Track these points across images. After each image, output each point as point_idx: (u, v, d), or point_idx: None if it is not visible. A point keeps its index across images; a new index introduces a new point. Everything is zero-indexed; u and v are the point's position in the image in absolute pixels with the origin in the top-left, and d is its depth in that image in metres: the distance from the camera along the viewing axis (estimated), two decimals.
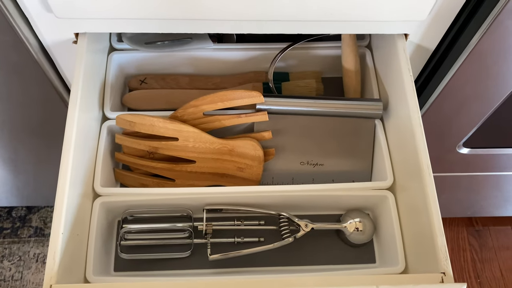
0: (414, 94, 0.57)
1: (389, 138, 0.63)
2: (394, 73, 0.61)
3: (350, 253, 0.63)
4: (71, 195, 0.51)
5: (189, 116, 0.62)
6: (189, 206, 0.60)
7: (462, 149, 0.83)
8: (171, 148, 0.61)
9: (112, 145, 0.64)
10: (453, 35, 0.60)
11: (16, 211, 1.21)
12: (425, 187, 0.52)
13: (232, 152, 0.62)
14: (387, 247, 0.61)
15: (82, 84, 0.56)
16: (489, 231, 1.30)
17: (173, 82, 0.70)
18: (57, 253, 0.47)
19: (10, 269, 1.16)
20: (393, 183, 0.61)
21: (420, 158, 0.54)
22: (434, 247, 0.50)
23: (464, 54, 0.60)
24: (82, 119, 0.56)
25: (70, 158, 0.52)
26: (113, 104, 0.65)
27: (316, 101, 0.63)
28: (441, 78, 0.66)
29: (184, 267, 0.60)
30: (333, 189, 0.60)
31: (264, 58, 0.69)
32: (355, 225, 0.62)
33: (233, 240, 0.61)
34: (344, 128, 0.64)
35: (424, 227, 0.52)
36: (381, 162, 0.63)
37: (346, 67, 0.66)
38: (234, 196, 0.59)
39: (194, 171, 0.63)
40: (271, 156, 0.64)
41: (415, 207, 0.56)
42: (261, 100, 0.60)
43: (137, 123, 0.60)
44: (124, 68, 0.69)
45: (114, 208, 0.60)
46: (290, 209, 0.62)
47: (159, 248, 0.60)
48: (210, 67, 0.70)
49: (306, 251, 0.62)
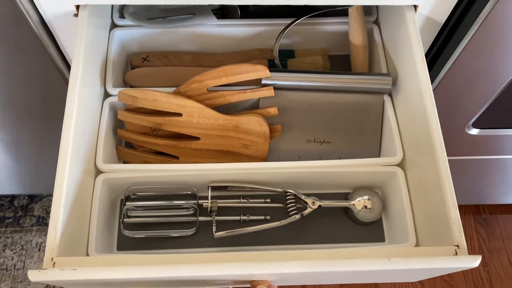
0: (424, 65, 0.55)
1: (398, 113, 0.62)
2: (403, 46, 0.59)
3: (358, 232, 0.61)
4: (72, 170, 0.50)
5: (192, 92, 0.60)
6: (193, 183, 0.59)
7: (471, 130, 0.81)
8: (174, 124, 0.60)
9: (115, 122, 0.63)
10: (464, 6, 0.59)
11: (18, 200, 1.20)
12: (437, 160, 0.51)
13: (237, 129, 0.60)
14: (397, 225, 0.59)
15: (83, 58, 0.54)
16: (497, 219, 1.28)
17: (176, 59, 0.69)
18: (59, 226, 0.46)
19: (12, 258, 1.14)
20: (403, 159, 0.59)
21: (431, 130, 0.52)
22: (447, 220, 0.48)
23: (475, 27, 0.59)
24: (83, 94, 0.54)
25: (71, 133, 0.50)
26: (115, 81, 0.64)
27: (323, 76, 0.61)
28: (450, 53, 0.65)
29: (188, 245, 0.58)
30: (341, 166, 0.58)
31: (269, 34, 0.67)
32: (364, 203, 0.60)
33: (239, 218, 0.60)
34: (352, 104, 0.63)
35: (436, 202, 0.51)
36: (390, 138, 0.61)
37: (354, 43, 0.65)
38: (240, 173, 0.58)
39: (198, 148, 0.62)
40: (277, 133, 0.62)
41: (426, 182, 0.54)
42: (267, 74, 0.59)
43: (140, 98, 0.58)
44: (126, 45, 0.68)
45: (116, 185, 0.58)
46: (296, 187, 0.60)
47: (163, 226, 0.59)
48: (214, 44, 0.68)
49: (313, 229, 0.61)
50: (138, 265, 0.43)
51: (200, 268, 0.42)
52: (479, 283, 1.19)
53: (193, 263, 0.43)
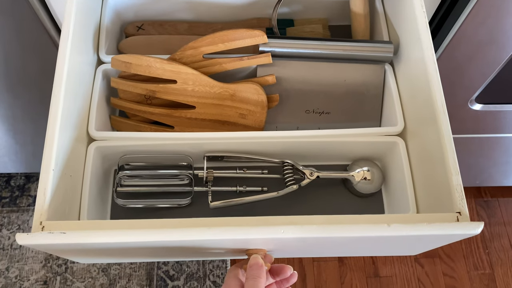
0: (427, 32, 0.53)
1: (400, 83, 0.60)
2: (406, 13, 0.57)
3: (357, 204, 0.60)
4: (62, 136, 0.48)
5: (187, 59, 0.59)
6: (189, 153, 0.57)
7: (474, 105, 0.79)
8: (169, 91, 0.58)
9: (108, 91, 0.61)
10: None
11: (15, 180, 1.19)
12: (439, 125, 0.49)
13: (234, 97, 0.59)
14: (397, 197, 0.58)
15: (74, 22, 0.52)
16: (498, 202, 1.26)
17: (172, 28, 0.67)
18: (48, 190, 0.44)
19: (9, 238, 1.14)
20: (404, 129, 0.57)
21: (434, 96, 0.50)
22: (449, 187, 0.46)
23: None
24: (74, 60, 0.52)
25: (60, 97, 0.48)
26: (109, 49, 0.62)
27: (323, 43, 0.59)
28: (454, 21, 0.62)
29: (183, 216, 0.56)
30: (340, 135, 0.57)
31: (268, 2, 0.65)
32: (363, 174, 0.59)
33: (235, 188, 0.58)
34: (352, 73, 0.61)
35: (437, 171, 0.49)
36: (391, 108, 0.59)
37: (354, 10, 0.63)
38: (236, 142, 0.56)
39: (194, 118, 0.60)
40: (275, 103, 0.60)
41: (428, 152, 0.52)
42: (265, 40, 0.57)
43: (133, 63, 0.56)
44: (120, 13, 0.66)
45: (110, 154, 0.57)
46: (294, 157, 0.59)
47: (158, 195, 0.57)
48: (211, 12, 0.66)
49: (311, 201, 0.59)
50: (130, 228, 0.41)
51: (192, 232, 0.41)
52: (480, 265, 1.18)
53: (185, 227, 0.41)
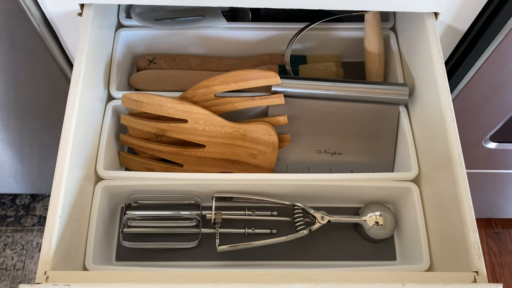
0: (444, 77, 0.52)
1: (414, 126, 0.59)
2: (422, 56, 0.56)
3: (368, 249, 0.58)
4: (71, 175, 0.48)
5: (199, 98, 0.58)
6: (197, 193, 0.56)
7: (488, 144, 0.77)
8: (179, 130, 0.57)
9: (117, 127, 0.60)
10: (489, 14, 0.55)
11: (20, 199, 1.19)
12: (456, 177, 0.48)
13: (245, 137, 0.58)
14: (410, 244, 0.56)
15: (86, 59, 0.52)
16: (509, 233, 1.24)
17: (184, 63, 0.66)
18: (54, 237, 0.43)
19: (12, 258, 1.13)
20: (418, 175, 0.56)
21: (450, 146, 0.49)
22: (466, 243, 0.45)
23: (500, 36, 0.55)
24: (85, 96, 0.52)
25: (70, 135, 0.48)
26: (120, 84, 0.62)
27: (336, 84, 0.58)
28: (472, 63, 0.61)
29: (190, 258, 0.56)
30: (353, 179, 0.56)
31: (280, 39, 0.64)
32: (375, 219, 0.57)
33: (244, 231, 0.57)
34: (366, 115, 0.60)
35: (453, 222, 0.48)
36: (405, 152, 0.58)
37: (369, 49, 0.62)
38: (246, 184, 0.55)
39: (204, 157, 0.59)
40: (286, 143, 0.59)
41: (443, 200, 0.51)
42: (278, 81, 0.56)
43: (144, 102, 0.56)
44: (132, 47, 0.65)
45: (117, 193, 0.56)
46: (305, 200, 0.57)
47: (164, 237, 0.56)
48: (223, 47, 0.66)
49: (322, 245, 0.58)
50: (136, 282, 0.40)
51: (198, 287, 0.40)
52: None
53: (193, 283, 0.40)
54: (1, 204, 1.16)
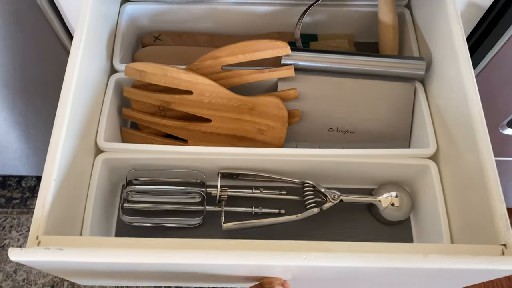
0: (465, 48, 0.49)
1: (431, 102, 0.56)
2: (440, 29, 0.54)
3: (383, 231, 0.55)
4: (68, 142, 0.45)
5: (205, 70, 0.55)
6: (202, 169, 0.53)
7: (506, 130, 0.74)
8: (184, 103, 0.55)
9: (120, 101, 0.58)
10: None
11: (26, 181, 1.16)
12: (480, 148, 0.44)
13: (253, 112, 0.55)
14: (428, 225, 0.53)
15: (87, 30, 0.49)
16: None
17: (190, 40, 0.64)
18: (48, 200, 0.41)
19: (18, 240, 1.10)
20: (436, 152, 0.53)
21: (474, 116, 0.46)
22: (492, 216, 0.41)
23: None
24: (86, 67, 0.49)
25: (68, 104, 0.45)
26: (123, 58, 0.60)
27: (349, 58, 0.56)
28: (493, 42, 0.58)
29: (193, 236, 0.51)
30: (367, 156, 0.52)
31: (291, 13, 0.62)
32: (391, 200, 0.54)
33: (251, 210, 0.54)
34: (380, 91, 0.57)
35: (477, 198, 0.44)
36: (422, 128, 0.55)
37: (383, 23, 0.59)
38: (253, 159, 0.52)
39: (209, 132, 0.56)
40: (297, 118, 0.57)
41: (464, 176, 0.48)
42: (288, 52, 0.54)
43: (148, 72, 0.53)
44: (137, 21, 0.63)
45: (118, 167, 0.53)
46: (316, 178, 0.54)
47: (167, 214, 0.53)
48: (231, 23, 0.64)
49: (333, 226, 0.54)
50: (135, 248, 0.37)
51: (204, 255, 0.36)
52: None
53: (196, 249, 0.37)
54: (7, 186, 1.14)
